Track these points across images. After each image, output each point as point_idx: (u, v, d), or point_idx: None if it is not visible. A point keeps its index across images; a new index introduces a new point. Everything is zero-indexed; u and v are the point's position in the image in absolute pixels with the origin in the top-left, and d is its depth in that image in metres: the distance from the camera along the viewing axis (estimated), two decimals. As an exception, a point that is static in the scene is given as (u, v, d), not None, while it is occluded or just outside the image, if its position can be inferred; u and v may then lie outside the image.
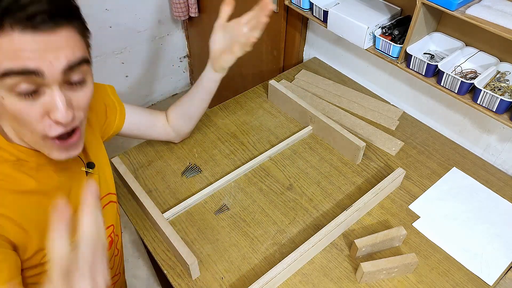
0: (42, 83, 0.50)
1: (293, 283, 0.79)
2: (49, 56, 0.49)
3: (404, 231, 0.82)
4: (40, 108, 0.51)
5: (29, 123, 0.52)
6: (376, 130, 1.10)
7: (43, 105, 0.51)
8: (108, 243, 0.78)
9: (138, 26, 1.95)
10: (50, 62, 0.49)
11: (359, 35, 0.99)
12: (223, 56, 0.90)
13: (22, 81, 0.49)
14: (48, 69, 0.49)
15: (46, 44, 0.48)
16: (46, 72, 0.49)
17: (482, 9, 0.78)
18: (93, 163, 0.72)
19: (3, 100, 0.50)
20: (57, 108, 0.51)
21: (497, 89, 0.85)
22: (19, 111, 0.51)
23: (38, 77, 0.49)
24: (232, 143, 1.07)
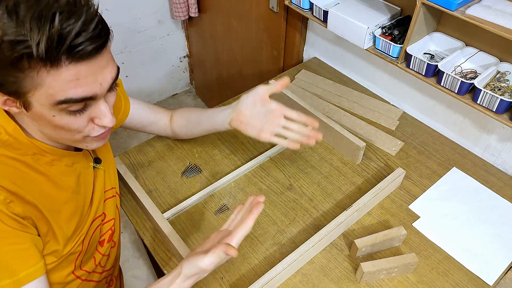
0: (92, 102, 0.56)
1: (293, 283, 0.79)
2: (99, 78, 0.54)
3: (404, 231, 0.82)
4: (87, 118, 0.57)
5: (76, 131, 0.58)
6: (376, 130, 1.10)
7: (90, 114, 0.57)
8: (108, 236, 0.80)
9: (138, 26, 1.95)
10: (101, 84, 0.55)
11: (359, 35, 0.99)
12: (248, 127, 0.82)
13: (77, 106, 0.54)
14: (100, 91, 0.55)
15: (96, 68, 0.53)
16: (99, 94, 0.55)
17: (482, 9, 0.78)
18: (99, 159, 0.76)
19: (53, 117, 0.55)
20: (105, 116, 0.58)
21: (497, 89, 0.85)
22: (67, 124, 0.56)
23: (91, 100, 0.55)
24: (232, 143, 1.07)
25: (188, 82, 2.43)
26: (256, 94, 0.81)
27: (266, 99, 0.80)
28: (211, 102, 2.30)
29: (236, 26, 1.66)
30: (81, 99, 0.53)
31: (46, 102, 0.52)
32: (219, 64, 1.96)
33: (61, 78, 0.50)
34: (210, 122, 0.90)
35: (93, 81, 0.53)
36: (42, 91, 0.51)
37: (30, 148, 0.61)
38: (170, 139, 1.07)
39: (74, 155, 0.68)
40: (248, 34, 1.61)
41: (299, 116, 0.80)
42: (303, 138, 0.80)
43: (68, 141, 0.62)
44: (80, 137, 0.60)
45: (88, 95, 0.54)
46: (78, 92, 0.52)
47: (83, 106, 0.55)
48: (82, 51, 0.50)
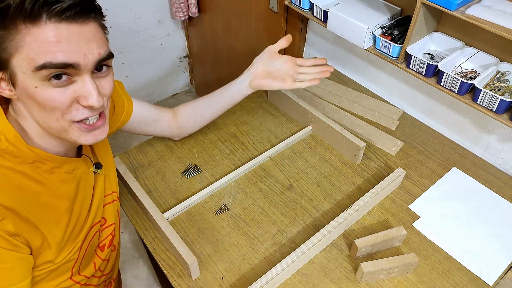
0: (74, 72, 0.54)
1: (293, 283, 0.79)
2: (83, 48, 0.53)
3: (404, 231, 0.82)
4: (70, 94, 0.55)
5: (57, 110, 0.56)
6: (376, 130, 1.10)
7: (74, 92, 0.55)
8: (108, 241, 0.79)
9: (138, 26, 1.94)
10: (85, 54, 0.54)
11: (359, 35, 0.99)
12: (270, 79, 0.91)
13: (57, 72, 0.52)
14: (83, 62, 0.54)
15: (79, 35, 0.52)
16: (81, 64, 0.53)
17: (482, 9, 0.78)
18: (100, 164, 0.75)
19: (36, 89, 0.53)
20: (90, 94, 0.56)
21: (497, 89, 0.85)
22: (51, 99, 0.54)
23: (73, 69, 0.53)
24: (232, 143, 1.07)
25: (188, 82, 2.43)
26: (268, 52, 0.92)
27: (277, 55, 0.92)
28: (211, 102, 2.30)
29: (236, 26, 1.66)
30: (62, 64, 0.52)
31: (27, 68, 0.51)
32: (219, 64, 1.96)
33: (41, 38, 0.50)
34: (224, 98, 0.95)
35: (75, 48, 0.52)
36: (23, 54, 0.51)
37: (30, 156, 0.60)
38: (170, 139, 1.07)
39: (74, 161, 0.67)
40: (248, 34, 1.61)
41: (310, 61, 0.92)
42: (319, 74, 0.91)
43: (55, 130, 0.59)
44: (66, 124, 0.58)
45: (69, 61, 0.52)
46: (58, 56, 0.51)
47: (67, 80, 0.54)
48: (64, 9, 0.50)
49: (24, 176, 0.59)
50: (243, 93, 0.94)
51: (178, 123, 0.97)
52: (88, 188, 0.71)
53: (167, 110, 0.96)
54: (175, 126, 0.98)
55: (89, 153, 0.73)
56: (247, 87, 0.93)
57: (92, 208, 0.72)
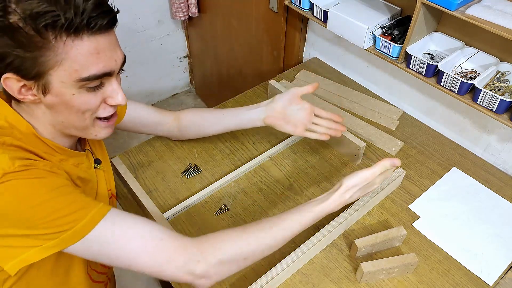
0: (107, 78, 0.59)
1: (293, 283, 0.79)
2: (114, 55, 0.58)
3: (404, 231, 0.82)
4: (101, 96, 0.60)
5: (89, 110, 0.60)
6: (376, 130, 1.10)
7: (103, 94, 0.60)
8: None
9: (138, 26, 1.94)
10: (115, 60, 0.59)
11: (359, 35, 0.99)
12: (283, 122, 0.91)
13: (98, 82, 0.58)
14: (115, 67, 0.59)
15: (110, 44, 0.57)
16: (115, 70, 0.59)
17: (482, 9, 0.78)
18: (99, 160, 0.77)
19: (73, 96, 0.57)
20: (118, 95, 0.61)
21: (497, 89, 0.85)
22: (86, 103, 0.59)
23: (108, 76, 0.59)
24: (232, 143, 1.07)
25: (188, 82, 2.43)
26: (291, 94, 0.90)
27: (299, 99, 0.90)
28: (211, 102, 2.30)
29: (236, 26, 1.66)
30: (102, 75, 0.57)
31: (69, 78, 0.55)
32: (219, 64, 1.96)
33: (84, 51, 0.54)
34: (235, 122, 0.94)
35: (110, 56, 0.57)
36: (66, 66, 0.54)
37: (42, 147, 0.62)
38: (170, 139, 1.07)
39: (80, 155, 0.69)
40: (248, 34, 1.61)
41: (327, 114, 0.92)
42: (331, 131, 0.92)
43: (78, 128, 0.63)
44: (91, 121, 0.62)
45: (107, 70, 0.57)
46: (100, 67, 0.56)
47: (99, 84, 0.59)
48: (99, 23, 0.54)
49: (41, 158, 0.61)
50: (254, 124, 0.93)
51: (180, 127, 0.97)
52: (93, 183, 0.73)
53: (168, 114, 0.96)
54: (175, 129, 0.98)
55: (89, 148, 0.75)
56: (260, 121, 0.92)
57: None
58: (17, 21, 0.50)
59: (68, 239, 0.55)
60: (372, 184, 0.76)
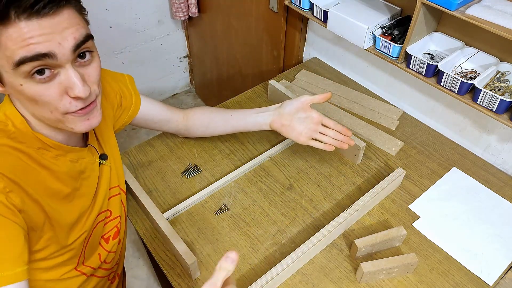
0: (55, 64, 0.54)
1: (293, 283, 0.79)
2: (56, 37, 0.52)
3: (404, 231, 0.82)
4: (57, 88, 0.55)
5: (49, 104, 0.56)
6: (376, 130, 1.10)
7: (60, 85, 0.55)
8: (113, 233, 0.80)
9: (138, 26, 1.94)
10: (59, 43, 0.53)
11: (359, 35, 0.99)
12: (289, 129, 0.89)
13: (36, 66, 0.52)
14: (59, 50, 0.53)
15: (52, 27, 0.52)
16: (57, 53, 0.53)
17: (482, 9, 0.78)
18: (106, 155, 0.76)
19: (21, 87, 0.54)
20: (74, 85, 0.55)
21: (497, 89, 0.85)
22: (39, 94, 0.55)
23: (51, 59, 0.53)
24: (232, 143, 1.07)
25: (188, 82, 2.43)
26: (300, 102, 0.88)
27: (308, 107, 0.88)
28: (211, 102, 2.30)
29: (236, 26, 1.66)
30: (37, 56, 0.51)
31: (7, 66, 0.52)
32: (219, 64, 1.96)
33: (14, 36, 0.50)
34: (242, 124, 0.94)
35: (48, 39, 0.52)
36: (1, 54, 0.51)
37: (36, 142, 0.62)
38: (170, 139, 1.07)
39: (79, 150, 0.69)
40: (248, 34, 1.61)
41: (335, 125, 0.89)
42: (337, 142, 0.89)
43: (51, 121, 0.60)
44: (59, 115, 0.58)
45: (43, 51, 0.51)
46: (31, 48, 0.51)
47: (50, 74, 0.54)
48: (33, 8, 0.49)
49: (29, 157, 0.60)
50: (261, 128, 0.93)
51: (188, 125, 0.98)
52: (93, 178, 0.72)
53: (178, 112, 0.96)
54: (183, 127, 0.98)
55: (94, 143, 0.74)
56: (267, 125, 0.92)
57: (97, 198, 0.73)
58: None
59: None
60: None
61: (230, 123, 0.95)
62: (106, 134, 0.78)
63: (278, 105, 0.91)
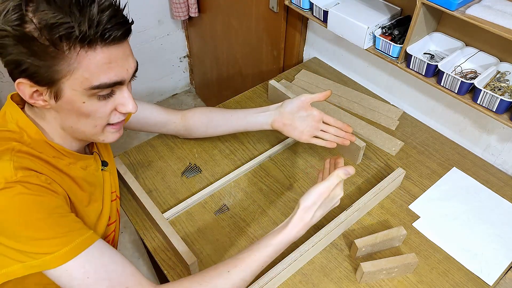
0: (118, 87, 0.61)
1: (293, 283, 0.79)
2: (125, 64, 0.59)
3: (404, 231, 0.82)
4: (112, 105, 0.61)
5: (100, 118, 0.61)
6: (376, 130, 1.10)
7: (114, 102, 0.61)
8: (111, 238, 0.80)
9: (138, 26, 1.95)
10: (127, 70, 0.60)
11: (359, 35, 0.99)
12: (290, 128, 0.90)
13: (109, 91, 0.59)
14: (127, 76, 0.60)
15: (122, 54, 0.58)
16: (126, 79, 0.60)
17: (482, 9, 0.78)
18: (106, 162, 0.78)
19: (83, 104, 0.58)
20: (129, 103, 0.62)
21: (497, 89, 0.85)
22: (95, 111, 0.60)
23: (120, 85, 0.60)
24: (232, 143, 1.07)
25: (188, 82, 2.43)
26: (301, 101, 0.88)
27: (309, 106, 0.88)
28: (211, 102, 2.30)
29: (236, 26, 1.66)
30: (113, 84, 0.58)
31: (80, 86, 0.56)
32: (219, 64, 1.96)
33: (96, 61, 0.55)
34: (243, 123, 0.94)
35: (121, 65, 0.58)
36: (78, 75, 0.55)
37: (51, 151, 0.63)
38: (170, 139, 1.07)
39: (87, 158, 0.70)
40: (248, 34, 1.61)
41: (336, 122, 0.89)
42: (338, 139, 0.89)
43: (88, 134, 0.64)
44: (101, 128, 0.63)
45: (118, 79, 0.58)
46: (111, 76, 0.57)
47: (110, 92, 0.59)
48: (113, 34, 0.55)
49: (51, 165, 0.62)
50: (262, 128, 0.93)
51: (187, 126, 0.98)
52: (99, 185, 0.74)
53: (175, 113, 0.96)
54: (182, 128, 0.98)
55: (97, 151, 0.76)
56: (268, 125, 0.92)
57: (105, 203, 0.74)
58: (32, 31, 0.51)
59: (49, 263, 0.55)
60: (332, 198, 0.69)
61: (230, 123, 0.95)
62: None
63: (278, 105, 0.91)
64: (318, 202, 0.67)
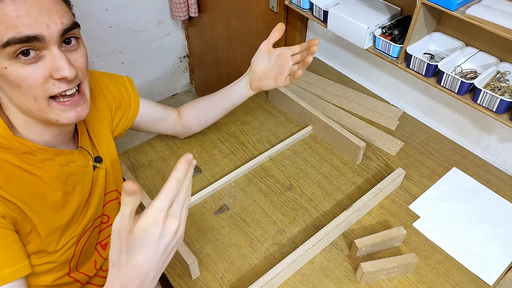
0: (41, 46, 0.53)
1: (293, 283, 0.79)
2: (44, 19, 0.52)
3: (404, 231, 0.82)
4: (42, 70, 0.54)
5: (33, 88, 0.54)
6: (376, 130, 1.10)
7: (45, 67, 0.54)
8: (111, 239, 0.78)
9: (138, 26, 1.94)
10: (47, 25, 0.52)
11: (359, 35, 0.99)
12: (265, 80, 0.88)
13: (23, 47, 0.51)
14: (47, 33, 0.52)
15: (38, 6, 0.51)
16: (45, 35, 0.52)
17: (482, 9, 0.78)
18: (101, 158, 0.74)
19: (5, 70, 0.52)
20: (60, 66, 0.54)
21: (497, 89, 0.85)
22: (23, 77, 0.53)
23: (38, 42, 0.52)
24: (232, 143, 1.07)
25: (188, 82, 2.43)
26: (261, 50, 0.86)
27: (271, 50, 0.86)
28: (211, 102, 2.30)
29: (236, 26, 1.66)
30: (26, 38, 0.51)
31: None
32: (219, 64, 1.96)
33: (2, 13, 0.49)
34: (228, 100, 0.93)
35: (36, 20, 0.51)
36: None
37: (20, 148, 0.60)
38: (170, 139, 1.07)
39: (69, 153, 0.67)
40: (248, 34, 1.61)
41: (301, 47, 0.84)
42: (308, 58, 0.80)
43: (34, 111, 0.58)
44: (44, 103, 0.56)
45: (32, 33, 0.51)
46: (21, 30, 0.50)
47: (35, 56, 0.53)
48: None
49: (12, 165, 0.59)
50: (245, 95, 0.93)
51: (184, 123, 0.98)
52: (86, 182, 0.70)
53: (173, 109, 0.96)
54: (180, 125, 0.98)
55: (87, 146, 0.72)
56: (249, 89, 0.91)
57: (91, 203, 0.71)
58: None
59: None
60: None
61: (217, 104, 0.95)
62: (101, 136, 0.76)
63: (248, 70, 0.90)
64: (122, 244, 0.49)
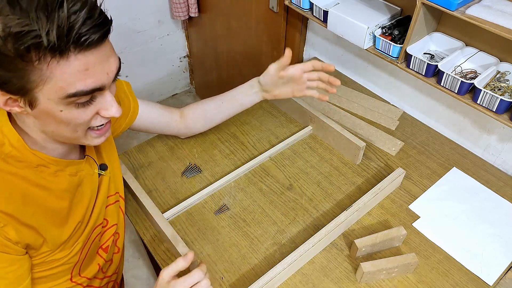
0: (99, 93, 0.55)
1: (293, 283, 0.79)
2: (105, 68, 0.53)
3: (404, 231, 0.82)
4: (93, 110, 0.56)
5: (81, 125, 0.57)
6: (376, 130, 1.10)
7: (95, 107, 0.56)
8: (111, 242, 0.79)
9: (138, 26, 1.94)
10: (107, 74, 0.54)
11: (359, 35, 0.99)
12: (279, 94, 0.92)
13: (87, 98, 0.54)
14: (107, 81, 0.54)
15: (101, 57, 0.52)
16: (106, 84, 0.54)
17: (482, 9, 0.78)
18: (106, 165, 0.74)
19: (61, 112, 0.53)
20: (112, 107, 0.57)
21: (497, 89, 0.85)
22: (75, 118, 0.55)
23: (99, 90, 0.54)
24: (232, 143, 1.07)
25: (188, 82, 2.43)
26: (270, 76, 0.89)
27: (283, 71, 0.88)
28: (211, 102, 2.30)
29: (236, 26, 1.66)
30: (91, 91, 0.53)
31: (55, 96, 0.51)
32: (219, 64, 1.96)
33: (71, 69, 0.49)
34: (238, 106, 0.96)
35: (100, 71, 0.53)
36: (51, 85, 0.50)
37: (34, 160, 0.60)
38: (170, 139, 1.07)
39: (77, 163, 0.67)
40: (248, 34, 1.61)
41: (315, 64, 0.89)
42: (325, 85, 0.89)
43: (70, 139, 0.60)
44: (82, 133, 0.59)
45: (97, 86, 0.53)
46: (88, 83, 0.52)
47: (89, 98, 0.54)
48: (89, 38, 0.48)
49: (27, 181, 0.59)
50: (255, 101, 0.96)
51: (186, 123, 0.98)
52: (93, 190, 0.71)
53: (175, 110, 0.96)
54: (182, 126, 0.98)
55: (93, 154, 0.73)
56: (260, 97, 0.95)
57: (94, 210, 0.72)
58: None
59: None
60: None
61: (224, 109, 0.96)
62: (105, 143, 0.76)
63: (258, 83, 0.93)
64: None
